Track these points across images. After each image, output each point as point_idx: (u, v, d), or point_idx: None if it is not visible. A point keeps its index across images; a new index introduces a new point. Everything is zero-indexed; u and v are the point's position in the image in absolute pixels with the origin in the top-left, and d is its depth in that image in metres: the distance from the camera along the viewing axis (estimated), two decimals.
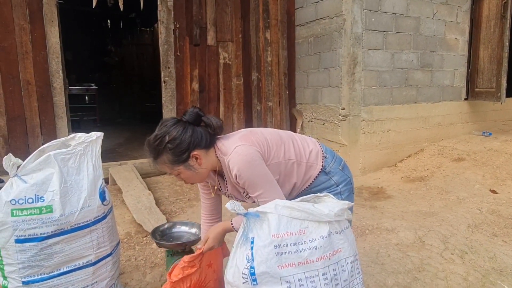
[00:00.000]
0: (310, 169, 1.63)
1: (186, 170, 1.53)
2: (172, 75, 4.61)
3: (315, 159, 1.64)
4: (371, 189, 4.12)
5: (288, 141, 1.63)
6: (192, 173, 1.54)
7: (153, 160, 1.53)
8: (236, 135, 1.59)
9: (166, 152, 1.49)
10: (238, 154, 1.47)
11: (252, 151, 1.48)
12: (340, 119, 4.58)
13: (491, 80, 5.02)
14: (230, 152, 1.49)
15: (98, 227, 1.72)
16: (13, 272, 1.56)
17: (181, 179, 1.59)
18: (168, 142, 1.47)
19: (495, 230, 2.88)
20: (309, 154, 1.64)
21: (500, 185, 3.77)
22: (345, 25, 4.38)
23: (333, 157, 1.70)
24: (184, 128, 1.50)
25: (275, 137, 1.61)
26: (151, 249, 2.64)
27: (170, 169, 1.54)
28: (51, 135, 4.01)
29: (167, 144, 1.47)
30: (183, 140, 1.48)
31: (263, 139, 1.56)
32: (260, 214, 1.25)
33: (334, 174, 1.65)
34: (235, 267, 1.24)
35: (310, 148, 1.66)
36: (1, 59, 3.81)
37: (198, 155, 1.51)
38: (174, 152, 1.48)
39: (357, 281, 1.32)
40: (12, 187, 1.55)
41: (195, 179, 1.59)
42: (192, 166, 1.52)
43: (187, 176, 1.56)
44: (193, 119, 1.52)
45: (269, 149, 1.55)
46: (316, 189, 1.64)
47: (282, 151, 1.58)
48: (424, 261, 2.44)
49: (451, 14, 5.03)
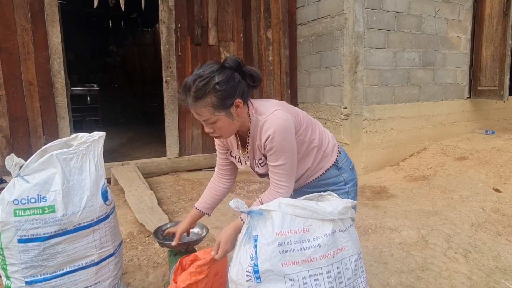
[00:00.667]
0: (325, 159, 1.63)
1: (226, 117, 1.44)
2: (174, 75, 4.60)
3: (331, 151, 1.65)
4: (374, 188, 4.10)
5: (315, 125, 1.64)
6: (229, 122, 1.46)
7: (194, 101, 1.42)
8: (273, 101, 1.55)
9: (213, 94, 1.39)
10: (278, 117, 1.43)
11: (291, 119, 1.46)
12: (342, 118, 4.57)
13: (494, 78, 5.00)
14: (269, 113, 1.46)
15: (101, 227, 1.71)
16: (16, 272, 1.56)
17: (213, 129, 1.48)
18: (216, 83, 1.39)
19: (499, 229, 2.87)
20: (328, 144, 1.65)
21: (503, 184, 3.75)
22: (347, 24, 4.37)
23: (345, 155, 1.72)
24: (232, 73, 1.44)
25: (307, 117, 1.62)
26: (153, 249, 2.64)
27: (211, 113, 1.43)
28: (53, 135, 4.02)
29: (216, 85, 1.39)
30: (233, 84, 1.42)
31: (297, 113, 1.56)
32: (264, 212, 1.25)
33: (345, 171, 1.66)
34: (238, 265, 1.23)
35: (328, 139, 1.67)
36: (3, 60, 3.82)
37: (240, 104, 1.45)
38: (222, 95, 1.40)
39: (361, 280, 1.31)
40: (14, 187, 1.55)
41: (227, 130, 1.50)
42: (232, 114, 1.45)
43: (223, 125, 1.47)
44: (236, 66, 1.46)
45: (300, 124, 1.54)
46: (324, 182, 1.64)
47: (310, 131, 1.58)
48: (427, 260, 2.43)
49: (453, 12, 5.01)
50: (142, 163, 4.55)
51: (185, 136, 4.78)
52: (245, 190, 4.05)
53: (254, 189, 4.02)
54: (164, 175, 4.62)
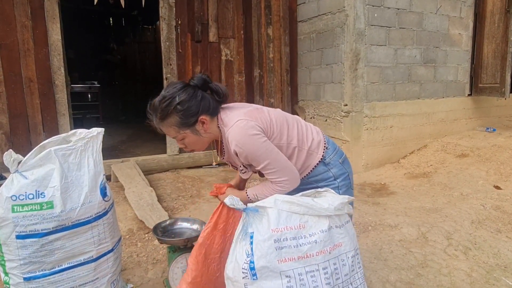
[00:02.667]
0: (310, 157, 1.62)
1: (192, 134, 1.53)
2: (174, 72, 4.60)
3: (317, 148, 1.64)
4: (374, 185, 4.10)
5: (293, 125, 1.63)
6: (197, 138, 1.55)
7: (159, 121, 1.51)
8: (241, 109, 1.58)
9: (175, 114, 1.47)
10: (239, 127, 1.47)
11: (252, 125, 1.48)
12: (343, 115, 4.56)
13: (495, 75, 4.98)
14: (231, 124, 1.49)
15: (99, 223, 1.71)
16: (14, 268, 1.56)
17: (184, 144, 1.58)
18: (178, 103, 1.46)
19: (499, 226, 2.86)
20: (311, 141, 1.64)
21: (504, 181, 3.74)
22: (348, 21, 4.35)
23: (334, 149, 1.69)
24: (194, 91, 1.49)
25: (281, 119, 1.61)
26: (153, 246, 2.64)
27: (176, 132, 1.52)
28: (53, 132, 4.02)
29: (177, 105, 1.46)
30: (193, 103, 1.48)
31: (268, 118, 1.56)
32: (259, 209, 1.25)
33: (333, 166, 1.65)
34: (234, 262, 1.23)
35: (313, 136, 1.66)
36: (3, 56, 3.82)
37: (206, 120, 1.51)
38: (184, 114, 1.47)
39: (358, 276, 1.31)
40: (13, 183, 1.55)
41: (197, 145, 1.59)
42: (198, 131, 1.52)
43: (191, 141, 1.56)
44: (201, 84, 1.52)
45: (272, 129, 1.54)
46: (313, 179, 1.64)
47: (285, 133, 1.58)
48: (427, 257, 2.43)
49: (455, 9, 4.99)
50: (142, 160, 4.55)
51: None
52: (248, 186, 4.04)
53: (253, 185, 4.02)
54: (164, 172, 4.62)
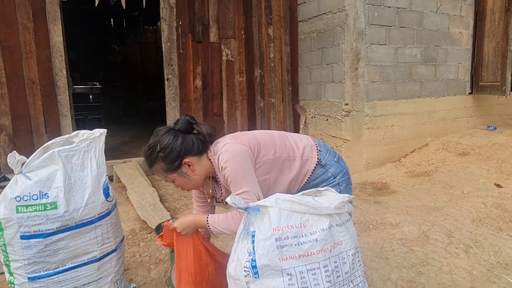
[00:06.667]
0: (306, 163, 1.65)
1: (180, 177, 1.59)
2: (175, 73, 4.61)
3: (310, 153, 1.66)
4: (375, 184, 4.11)
5: (280, 140, 1.66)
6: (186, 180, 1.60)
7: (149, 168, 1.62)
8: (226, 137, 1.63)
9: (159, 160, 1.56)
10: (227, 150, 1.51)
11: (241, 148, 1.52)
12: (344, 114, 4.57)
13: (496, 73, 4.98)
14: (220, 149, 1.54)
15: (103, 223, 1.73)
16: (19, 268, 1.58)
17: (177, 186, 1.65)
18: (159, 151, 1.54)
19: (500, 224, 2.87)
20: (303, 149, 1.66)
21: (505, 179, 3.75)
22: (348, 20, 4.36)
23: (327, 150, 1.72)
24: (174, 136, 1.55)
25: (266, 137, 1.64)
26: (155, 246, 2.66)
27: (165, 176, 1.61)
28: (56, 133, 4.04)
29: (159, 153, 1.54)
30: (173, 148, 1.53)
31: (253, 138, 1.60)
32: (261, 208, 1.26)
33: (330, 166, 1.68)
34: (236, 261, 1.24)
35: (303, 143, 1.69)
36: (5, 58, 3.84)
37: (190, 162, 1.56)
38: (166, 160, 1.55)
39: (358, 273, 1.32)
40: (17, 184, 1.57)
41: (189, 186, 1.64)
42: (185, 173, 1.58)
43: (182, 183, 1.62)
44: (185, 127, 1.58)
45: (259, 148, 1.58)
46: (314, 183, 1.65)
47: (272, 149, 1.61)
48: (428, 255, 2.43)
49: (455, 7, 4.99)
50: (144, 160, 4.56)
51: None
52: None
53: None
54: None
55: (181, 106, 4.69)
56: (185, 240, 1.65)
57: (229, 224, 1.51)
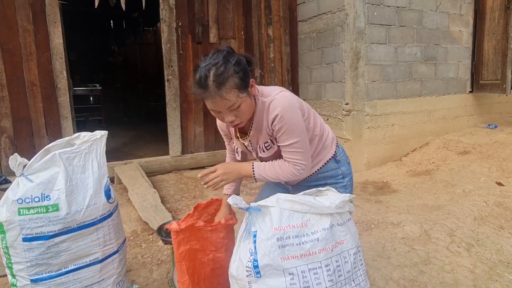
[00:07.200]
0: (324, 151, 1.63)
1: (248, 98, 1.43)
2: (175, 74, 4.62)
3: (331, 143, 1.66)
4: (376, 183, 4.11)
5: (316, 115, 1.64)
6: (251, 102, 1.46)
7: (218, 89, 1.34)
8: (276, 86, 1.57)
9: (234, 76, 1.36)
10: (285, 97, 1.45)
11: (296, 99, 1.48)
12: (344, 114, 4.57)
13: (496, 72, 4.98)
14: (275, 94, 1.47)
15: (104, 224, 1.73)
16: (21, 270, 1.58)
17: (234, 116, 1.42)
18: (233, 64, 1.37)
19: (502, 223, 2.86)
20: (328, 135, 1.66)
21: (506, 178, 3.74)
22: (348, 20, 4.36)
23: (342, 150, 1.73)
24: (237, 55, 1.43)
25: (308, 106, 1.61)
26: (157, 247, 2.66)
27: (236, 96, 1.37)
28: (57, 135, 4.04)
29: (234, 67, 1.36)
30: (244, 65, 1.41)
31: (300, 100, 1.56)
32: (262, 208, 1.26)
33: (343, 164, 1.68)
34: (238, 261, 1.25)
35: (328, 131, 1.68)
36: (5, 61, 3.84)
37: (254, 83, 1.47)
38: (241, 75, 1.38)
39: (360, 273, 1.32)
40: (18, 186, 1.57)
41: (249, 113, 1.47)
42: (250, 94, 1.45)
43: (246, 107, 1.43)
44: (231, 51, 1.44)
45: (303, 110, 1.53)
46: (322, 175, 1.64)
47: (312, 119, 1.58)
48: (430, 254, 2.44)
49: (455, 6, 4.98)
50: (145, 161, 4.58)
51: (187, 134, 4.80)
52: (248, 187, 4.06)
53: (257, 186, 4.04)
54: (167, 173, 4.64)
55: (182, 107, 4.69)
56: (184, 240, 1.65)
57: (277, 173, 1.49)
